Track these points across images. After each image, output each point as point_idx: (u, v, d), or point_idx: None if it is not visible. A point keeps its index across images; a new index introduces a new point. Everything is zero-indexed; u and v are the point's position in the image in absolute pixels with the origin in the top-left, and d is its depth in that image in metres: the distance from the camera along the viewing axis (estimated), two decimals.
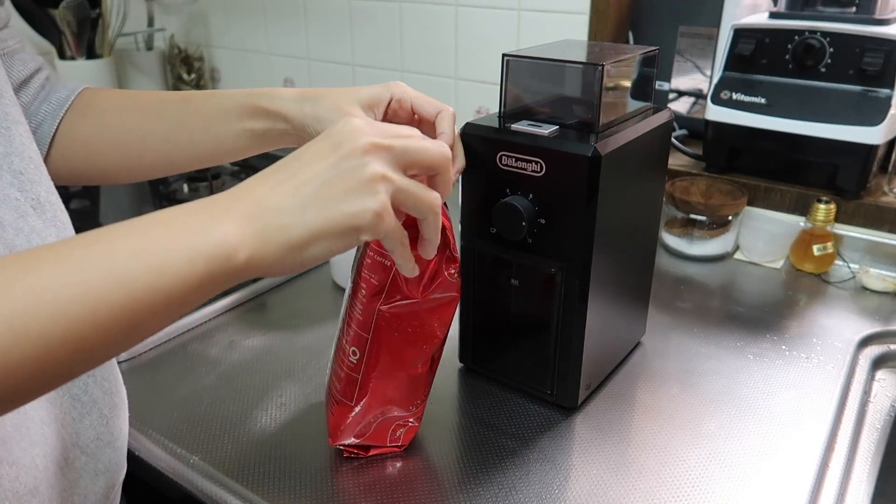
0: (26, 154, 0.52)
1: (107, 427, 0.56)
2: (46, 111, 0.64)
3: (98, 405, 0.55)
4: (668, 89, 1.22)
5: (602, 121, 0.64)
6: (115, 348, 0.39)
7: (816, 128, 0.98)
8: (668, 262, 1.04)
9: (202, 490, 0.63)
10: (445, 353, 0.81)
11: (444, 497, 0.61)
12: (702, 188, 1.06)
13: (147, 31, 1.67)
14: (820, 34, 0.97)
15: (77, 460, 0.52)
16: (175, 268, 0.38)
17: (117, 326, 0.37)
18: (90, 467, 0.54)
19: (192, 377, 0.78)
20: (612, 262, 0.68)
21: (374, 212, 0.43)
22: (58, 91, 0.66)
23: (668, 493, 0.61)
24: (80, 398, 0.53)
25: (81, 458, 0.53)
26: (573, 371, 0.69)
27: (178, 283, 0.39)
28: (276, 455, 0.66)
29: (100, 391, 0.55)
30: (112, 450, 0.57)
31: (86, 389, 0.54)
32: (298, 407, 0.73)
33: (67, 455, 0.51)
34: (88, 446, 0.54)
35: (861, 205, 1.00)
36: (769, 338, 0.84)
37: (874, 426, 0.72)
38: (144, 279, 0.38)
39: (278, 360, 0.80)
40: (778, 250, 1.02)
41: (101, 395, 0.55)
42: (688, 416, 0.71)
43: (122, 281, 0.37)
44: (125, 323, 0.37)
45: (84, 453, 0.53)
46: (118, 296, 0.37)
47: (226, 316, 0.90)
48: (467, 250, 0.71)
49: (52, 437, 0.49)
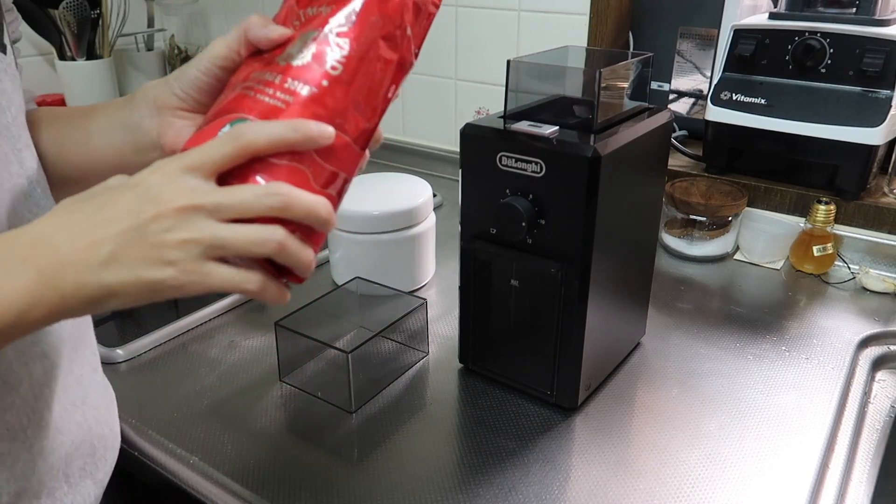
0: (33, 178, 0.52)
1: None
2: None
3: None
4: (668, 90, 1.22)
5: (601, 121, 0.64)
6: None
7: (816, 129, 0.98)
8: (668, 262, 1.04)
9: (202, 490, 0.63)
10: (445, 353, 0.81)
11: (445, 497, 0.61)
12: (702, 189, 1.06)
13: (147, 32, 1.67)
14: (820, 35, 0.97)
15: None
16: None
17: None
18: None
19: (192, 377, 0.78)
20: (612, 263, 0.68)
21: (173, 279, 0.39)
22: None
23: (668, 494, 0.61)
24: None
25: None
26: (573, 371, 0.69)
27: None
28: (275, 455, 0.66)
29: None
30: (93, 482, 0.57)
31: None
32: (298, 407, 0.73)
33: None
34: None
35: (861, 205, 1.00)
36: (769, 338, 0.84)
37: (874, 427, 0.72)
38: None
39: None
40: (778, 251, 1.02)
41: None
42: (688, 416, 0.71)
43: None
44: None
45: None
46: None
47: (226, 316, 0.90)
48: (467, 250, 0.71)
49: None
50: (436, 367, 0.80)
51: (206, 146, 0.40)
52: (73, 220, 0.40)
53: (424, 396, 0.75)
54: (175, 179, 0.39)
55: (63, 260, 0.38)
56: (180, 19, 1.75)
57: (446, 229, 1.07)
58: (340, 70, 0.44)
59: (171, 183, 0.39)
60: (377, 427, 0.70)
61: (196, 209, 0.39)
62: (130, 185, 0.40)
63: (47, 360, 0.51)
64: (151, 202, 0.39)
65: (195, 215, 0.39)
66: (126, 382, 0.77)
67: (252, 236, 0.40)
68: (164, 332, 0.85)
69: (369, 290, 0.85)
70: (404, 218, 0.89)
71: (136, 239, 0.39)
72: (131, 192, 0.40)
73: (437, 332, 0.86)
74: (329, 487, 0.62)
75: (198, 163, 0.40)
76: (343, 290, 0.85)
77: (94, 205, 0.40)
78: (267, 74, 0.45)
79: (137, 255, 0.39)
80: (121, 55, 1.64)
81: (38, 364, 0.50)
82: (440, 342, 0.84)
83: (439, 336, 0.85)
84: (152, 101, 0.51)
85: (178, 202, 0.39)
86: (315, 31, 0.45)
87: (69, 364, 0.55)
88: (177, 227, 0.39)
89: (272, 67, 0.45)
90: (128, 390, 0.75)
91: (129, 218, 0.39)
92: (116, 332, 0.87)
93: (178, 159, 0.40)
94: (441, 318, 0.89)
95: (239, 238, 0.39)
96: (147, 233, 0.39)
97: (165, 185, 0.39)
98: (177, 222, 0.39)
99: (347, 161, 0.45)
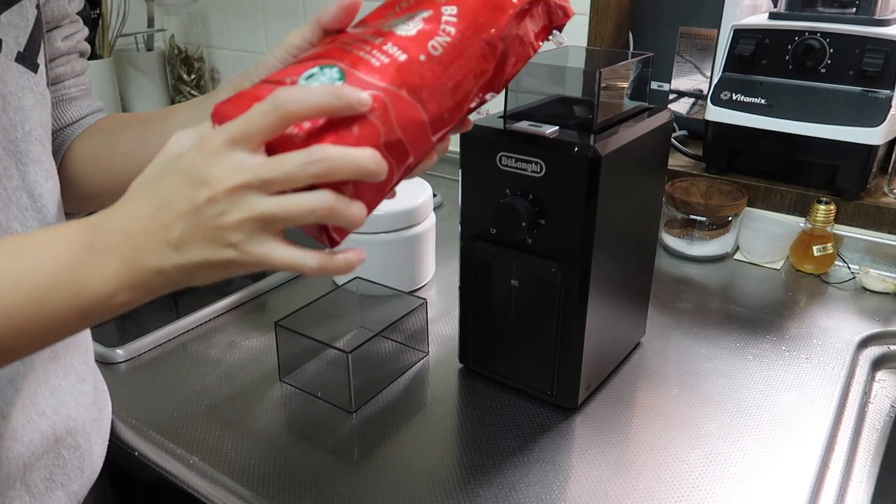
0: (36, 192, 0.53)
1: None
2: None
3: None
4: (668, 90, 1.22)
5: (601, 121, 0.64)
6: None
7: (816, 129, 0.98)
8: (668, 262, 1.04)
9: (202, 490, 0.63)
10: (445, 353, 0.81)
11: (445, 497, 0.61)
12: (702, 189, 1.06)
13: (147, 32, 1.67)
14: (820, 35, 0.97)
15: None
16: (57, 301, 0.39)
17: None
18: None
19: (192, 377, 0.78)
20: (612, 263, 0.68)
21: (238, 259, 0.40)
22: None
23: (668, 494, 0.61)
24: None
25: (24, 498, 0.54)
26: (573, 371, 0.69)
27: (58, 316, 0.39)
28: (275, 455, 0.66)
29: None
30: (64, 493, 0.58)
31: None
32: (298, 407, 0.73)
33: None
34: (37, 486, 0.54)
35: (861, 205, 1.00)
36: (769, 338, 0.84)
37: (874, 427, 0.72)
38: (24, 309, 0.39)
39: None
40: (778, 251, 1.02)
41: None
42: (688, 416, 0.71)
43: (2, 309, 0.38)
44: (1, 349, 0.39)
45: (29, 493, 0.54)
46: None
47: (226, 316, 0.90)
48: (467, 250, 0.71)
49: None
50: (436, 367, 0.80)
51: (248, 116, 0.40)
52: (139, 206, 0.41)
53: (424, 396, 0.75)
54: (221, 158, 0.39)
55: (141, 246, 0.40)
56: (180, 19, 1.75)
57: (446, 229, 1.07)
58: (441, 52, 0.45)
59: (218, 162, 0.39)
60: (377, 427, 0.70)
61: (245, 187, 0.39)
62: (181, 168, 0.41)
63: (2, 371, 0.51)
64: (202, 184, 0.39)
65: (245, 194, 0.39)
66: (126, 382, 0.77)
67: (301, 207, 0.40)
68: (164, 332, 0.85)
69: (369, 290, 0.85)
70: (404, 218, 0.89)
71: (196, 223, 0.39)
72: (182, 174, 0.40)
73: (437, 332, 0.86)
74: (329, 487, 0.62)
75: (241, 135, 0.40)
76: (343, 290, 0.85)
77: (153, 190, 0.41)
78: (367, 36, 0.45)
79: (202, 239, 0.40)
80: (121, 55, 1.65)
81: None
82: (440, 342, 0.84)
83: (439, 336, 0.85)
84: (233, 89, 0.52)
85: (227, 182, 0.39)
86: (427, 11, 0.46)
87: (43, 374, 0.55)
88: (231, 209, 0.39)
89: (373, 32, 0.46)
90: (128, 390, 0.75)
91: (185, 202, 0.40)
92: (116, 332, 0.87)
93: (222, 132, 0.40)
94: (441, 318, 0.89)
95: (288, 211, 0.40)
96: (205, 217, 0.39)
97: (213, 164, 0.39)
98: (230, 204, 0.39)
99: (419, 140, 0.45)
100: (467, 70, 0.46)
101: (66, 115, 0.65)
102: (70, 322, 0.40)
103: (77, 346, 0.60)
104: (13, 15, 0.51)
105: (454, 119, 0.47)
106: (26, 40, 0.52)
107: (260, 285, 0.96)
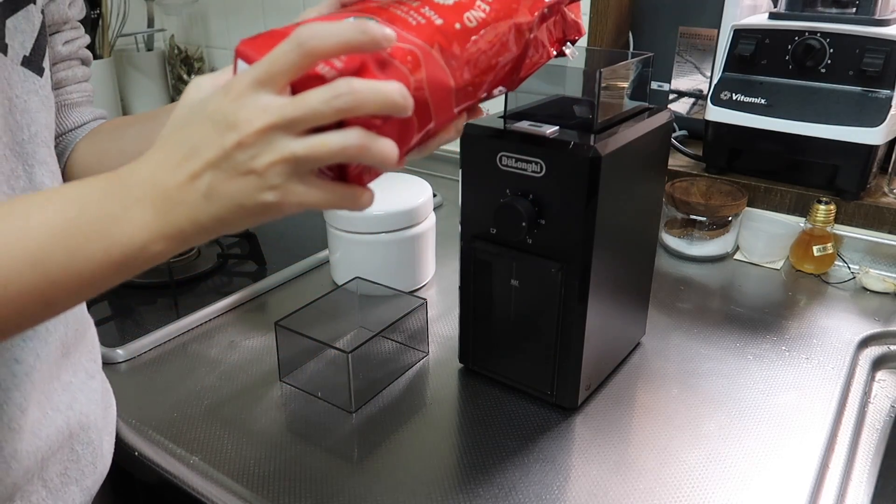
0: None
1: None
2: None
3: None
4: (668, 90, 1.22)
5: (601, 121, 0.64)
6: (30, 321, 0.40)
7: (816, 128, 0.98)
8: (668, 262, 1.04)
9: (202, 490, 0.63)
10: (445, 353, 0.81)
11: (445, 497, 0.61)
12: (702, 189, 1.06)
13: (147, 32, 1.67)
14: (820, 35, 0.97)
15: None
16: (91, 253, 0.39)
17: (31, 303, 0.38)
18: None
19: (192, 377, 0.78)
20: (612, 263, 0.68)
21: (272, 204, 0.40)
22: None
23: (668, 494, 0.61)
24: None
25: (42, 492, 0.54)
26: (573, 371, 0.69)
27: (93, 267, 0.39)
28: (275, 455, 0.66)
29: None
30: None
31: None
32: (298, 407, 0.73)
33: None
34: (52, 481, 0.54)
35: (861, 205, 1.00)
36: (769, 338, 0.84)
37: (874, 427, 0.72)
38: (60, 261, 0.38)
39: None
40: (778, 251, 1.02)
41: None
42: (688, 416, 0.71)
43: (36, 260, 0.38)
44: (39, 300, 0.38)
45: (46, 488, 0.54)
46: (31, 275, 0.37)
47: (226, 316, 0.90)
48: (467, 250, 0.71)
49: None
50: (436, 367, 0.80)
51: (272, 56, 0.39)
52: (167, 156, 0.40)
53: (424, 396, 0.75)
54: (247, 101, 0.39)
55: (172, 197, 0.40)
56: (180, 19, 1.75)
57: (446, 229, 1.07)
58: (475, 25, 0.46)
59: (245, 105, 0.39)
60: (377, 427, 0.70)
61: (273, 128, 0.38)
62: (208, 114, 0.40)
63: (20, 366, 0.51)
64: (231, 129, 0.39)
65: (274, 135, 0.39)
66: (126, 382, 0.77)
67: (332, 146, 0.39)
68: (164, 332, 0.85)
69: (369, 290, 0.85)
70: (404, 218, 0.89)
71: (226, 170, 0.39)
72: (210, 120, 0.40)
73: (437, 332, 0.86)
74: (329, 487, 0.62)
75: (266, 76, 0.39)
76: (343, 290, 0.85)
77: (179, 138, 0.41)
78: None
79: (233, 186, 0.39)
80: (121, 55, 1.65)
81: (6, 369, 0.50)
82: (440, 342, 0.84)
83: (439, 336, 0.85)
84: None
85: (255, 124, 0.38)
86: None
87: (56, 370, 0.55)
88: (261, 153, 0.39)
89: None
90: (128, 390, 0.75)
91: (213, 149, 0.39)
92: (116, 332, 0.87)
93: (247, 74, 0.39)
94: (441, 318, 0.89)
95: (318, 151, 0.39)
96: (235, 163, 0.39)
97: (240, 107, 0.39)
98: (259, 148, 0.39)
99: (443, 106, 0.45)
100: (495, 50, 0.47)
101: (69, 120, 0.65)
102: (106, 273, 0.40)
103: (85, 343, 0.60)
104: (19, 20, 0.51)
105: (474, 97, 0.47)
106: (32, 44, 0.52)
107: (260, 285, 0.96)
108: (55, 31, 0.61)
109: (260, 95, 0.39)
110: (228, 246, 1.09)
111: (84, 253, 0.39)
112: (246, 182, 0.39)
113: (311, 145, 0.39)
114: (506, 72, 0.49)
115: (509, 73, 0.49)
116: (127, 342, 0.82)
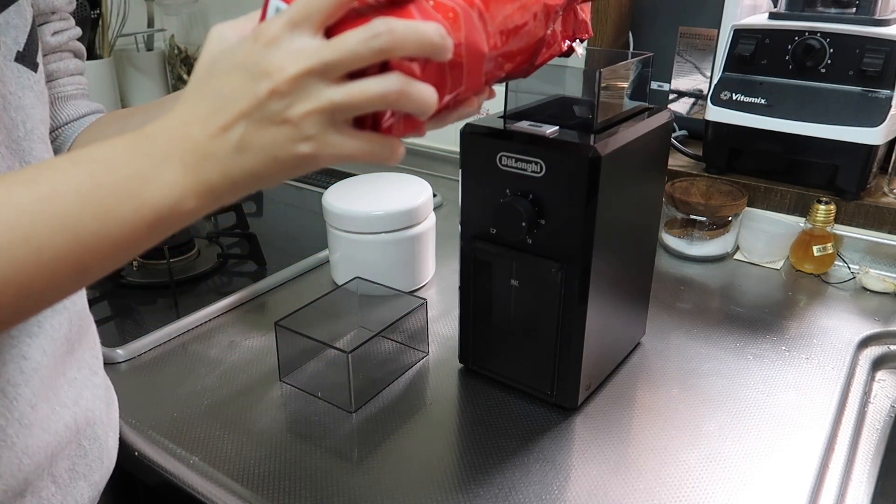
0: None
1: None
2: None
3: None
4: (668, 90, 1.22)
5: (601, 121, 0.64)
6: (65, 290, 0.39)
7: (816, 128, 0.98)
8: (668, 262, 1.04)
9: (202, 490, 0.63)
10: (445, 353, 0.81)
11: (445, 497, 0.61)
12: (702, 189, 1.06)
13: (147, 32, 1.67)
14: (820, 35, 0.97)
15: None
16: (121, 214, 0.37)
17: (65, 269, 0.37)
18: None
19: (192, 377, 0.78)
20: (612, 263, 0.68)
21: (308, 155, 0.38)
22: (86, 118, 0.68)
23: (668, 494, 0.61)
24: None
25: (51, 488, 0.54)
26: (573, 371, 0.69)
27: (125, 229, 0.38)
28: (276, 455, 0.66)
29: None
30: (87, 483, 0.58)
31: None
32: (298, 407, 0.73)
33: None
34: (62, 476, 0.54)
35: (861, 205, 1.00)
36: (769, 338, 0.84)
37: (874, 427, 0.72)
38: (90, 224, 0.37)
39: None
40: (778, 251, 1.02)
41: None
42: (688, 416, 0.71)
43: (67, 225, 0.36)
44: (73, 266, 0.37)
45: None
46: (63, 239, 0.36)
47: (226, 316, 0.90)
48: (467, 250, 0.71)
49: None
50: (436, 367, 0.80)
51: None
52: (195, 110, 0.39)
53: (424, 396, 0.75)
54: (281, 44, 0.37)
55: (202, 151, 0.38)
56: (180, 19, 1.75)
57: (446, 229, 1.07)
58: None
59: (278, 48, 0.37)
60: (377, 427, 0.70)
61: (308, 74, 0.37)
62: (238, 61, 0.38)
63: (27, 362, 0.51)
64: (263, 76, 0.37)
65: (309, 81, 0.37)
66: (126, 382, 0.77)
67: (369, 92, 0.37)
68: (164, 332, 0.85)
69: (369, 290, 0.85)
70: (404, 218, 0.89)
71: (260, 120, 0.37)
72: (240, 68, 0.38)
73: (437, 332, 0.86)
74: (329, 487, 0.62)
75: (301, 17, 0.37)
76: (343, 290, 0.85)
77: (208, 90, 0.39)
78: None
79: (267, 138, 0.38)
80: (121, 55, 1.65)
81: (14, 366, 0.50)
82: (440, 342, 0.84)
83: (439, 336, 0.85)
84: None
85: (289, 70, 0.37)
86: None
87: (62, 366, 0.55)
88: (296, 101, 0.37)
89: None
90: (128, 390, 0.75)
91: (245, 99, 0.37)
92: (116, 332, 0.87)
93: (281, 17, 0.38)
94: (441, 318, 0.89)
95: (357, 97, 0.37)
96: (269, 112, 0.37)
97: (273, 52, 0.37)
98: (294, 96, 0.37)
99: (474, 71, 0.43)
100: (526, 27, 0.47)
101: (63, 113, 0.64)
102: (140, 235, 0.38)
103: (87, 339, 0.60)
104: (11, 15, 0.51)
105: (500, 70, 0.47)
106: (25, 39, 0.52)
107: (260, 285, 0.96)
108: (43, 21, 0.60)
109: (295, 38, 0.37)
110: (228, 246, 1.09)
111: (114, 215, 0.37)
112: (280, 132, 0.37)
113: (349, 92, 0.37)
114: (528, 53, 0.48)
115: (529, 57, 0.49)
116: (127, 342, 0.82)
